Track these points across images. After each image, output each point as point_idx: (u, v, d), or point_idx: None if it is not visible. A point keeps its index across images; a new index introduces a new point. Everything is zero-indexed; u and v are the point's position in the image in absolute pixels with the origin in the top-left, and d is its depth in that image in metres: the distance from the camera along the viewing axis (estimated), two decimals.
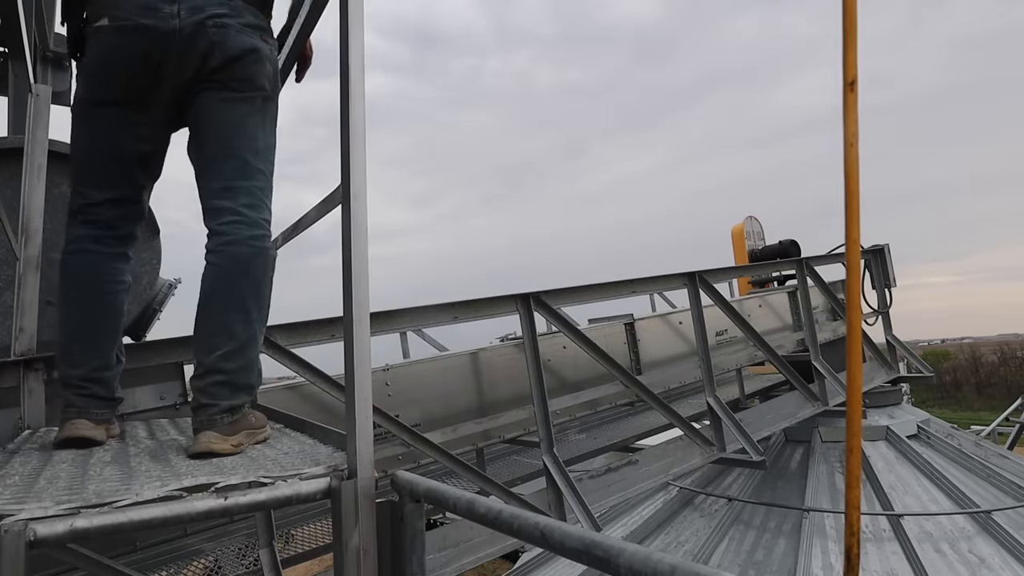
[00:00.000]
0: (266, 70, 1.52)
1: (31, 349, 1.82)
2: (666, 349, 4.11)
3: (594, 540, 0.71)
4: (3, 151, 2.11)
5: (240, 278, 1.42)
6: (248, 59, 1.47)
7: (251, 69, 1.48)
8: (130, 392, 2.05)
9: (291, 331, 2.34)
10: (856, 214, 1.69)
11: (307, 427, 1.57)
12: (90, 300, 1.49)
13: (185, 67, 1.43)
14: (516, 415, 3.08)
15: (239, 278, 1.42)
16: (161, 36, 1.39)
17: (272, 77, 1.55)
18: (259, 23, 1.52)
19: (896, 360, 5.68)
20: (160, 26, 1.38)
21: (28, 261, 1.86)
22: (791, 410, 4.26)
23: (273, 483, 1.06)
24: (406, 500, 1.11)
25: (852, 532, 1.64)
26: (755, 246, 6.68)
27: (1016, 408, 11.46)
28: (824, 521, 4.17)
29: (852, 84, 1.67)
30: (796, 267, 4.86)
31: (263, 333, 1.49)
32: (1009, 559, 3.72)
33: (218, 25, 1.42)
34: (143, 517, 0.93)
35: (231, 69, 1.46)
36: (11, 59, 2.13)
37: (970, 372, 42.17)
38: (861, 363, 1.78)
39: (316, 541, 3.42)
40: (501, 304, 2.91)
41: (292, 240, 1.84)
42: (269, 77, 1.54)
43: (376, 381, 2.66)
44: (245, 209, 1.46)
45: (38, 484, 1.05)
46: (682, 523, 4.79)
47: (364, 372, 1.15)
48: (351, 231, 1.16)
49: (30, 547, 0.83)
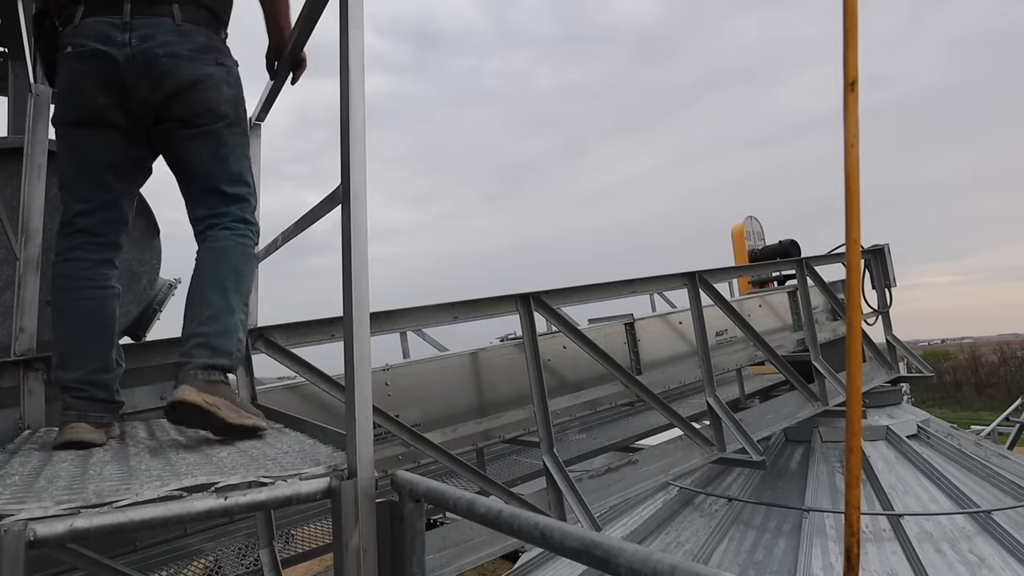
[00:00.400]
0: (223, 94, 1.56)
1: (31, 349, 1.82)
2: (666, 349, 4.11)
3: (594, 540, 0.71)
4: (3, 151, 2.11)
5: (219, 263, 1.54)
6: (201, 86, 1.52)
7: (207, 96, 1.53)
8: (130, 392, 2.05)
9: (291, 331, 2.34)
10: (856, 214, 1.69)
11: (307, 427, 1.57)
12: (78, 306, 1.54)
13: (139, 92, 1.49)
14: (516, 415, 3.08)
15: (219, 263, 1.54)
16: (115, 63, 1.46)
17: (232, 99, 1.60)
18: (212, 44, 1.57)
19: (896, 360, 5.68)
20: (114, 53, 1.46)
21: (28, 261, 1.86)
22: (791, 410, 4.26)
23: (273, 483, 1.06)
24: (406, 500, 1.11)
25: (852, 532, 1.64)
26: (755, 246, 6.68)
27: (1016, 408, 11.46)
28: (824, 521, 4.17)
29: (852, 84, 1.67)
30: (796, 267, 4.86)
31: (243, 311, 1.57)
32: (1009, 559, 3.72)
33: (168, 55, 1.48)
34: (143, 517, 0.93)
35: (185, 98, 1.51)
36: (11, 59, 2.13)
37: (970, 372, 42.17)
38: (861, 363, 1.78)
39: (316, 541, 3.42)
40: (501, 304, 2.91)
41: (292, 240, 1.84)
42: (229, 100, 1.58)
43: (376, 381, 2.66)
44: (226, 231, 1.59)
45: (38, 484, 1.05)
46: (682, 523, 4.79)
47: (364, 372, 1.15)
48: (351, 231, 1.16)
49: (30, 547, 0.83)
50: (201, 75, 1.51)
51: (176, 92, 1.50)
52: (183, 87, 1.50)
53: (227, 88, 1.58)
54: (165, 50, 1.47)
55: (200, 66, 1.52)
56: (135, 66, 1.47)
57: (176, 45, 1.49)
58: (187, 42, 1.50)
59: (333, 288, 1.21)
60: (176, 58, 1.48)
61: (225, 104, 1.57)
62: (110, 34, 1.46)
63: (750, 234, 6.73)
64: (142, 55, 1.46)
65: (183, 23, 1.51)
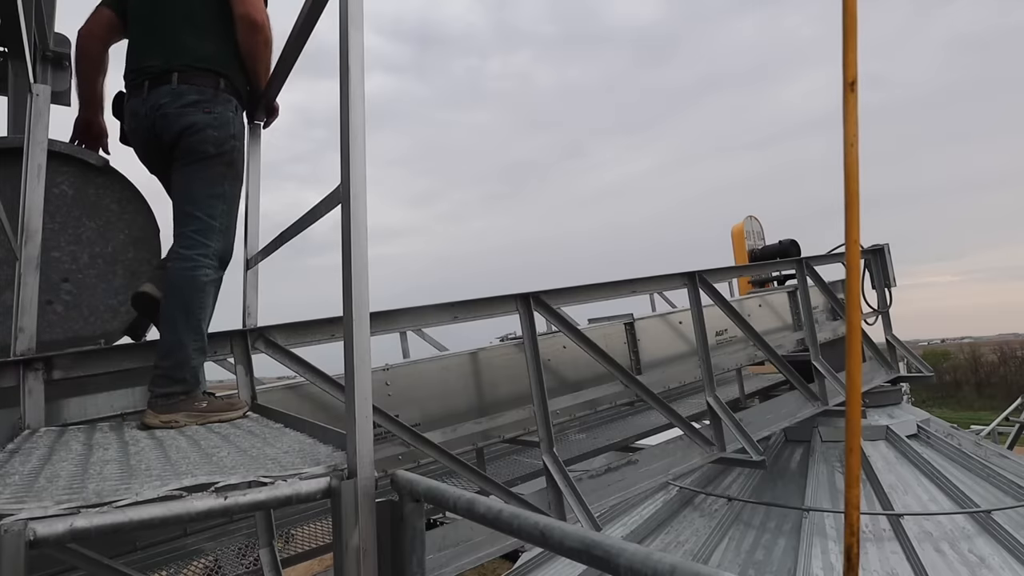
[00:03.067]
0: (207, 136, 1.97)
1: (31, 349, 1.82)
2: (666, 349, 4.12)
3: (594, 540, 0.71)
4: (3, 151, 2.11)
5: (171, 300, 1.91)
6: (187, 133, 1.96)
7: (192, 140, 1.96)
8: (130, 392, 2.06)
9: (291, 331, 2.34)
10: (856, 214, 1.69)
11: (307, 427, 1.57)
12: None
13: (153, 142, 2.02)
14: (516, 415, 3.08)
15: (171, 300, 1.91)
16: (139, 125, 2.03)
17: (216, 139, 1.99)
18: (200, 98, 1.98)
19: (896, 360, 5.68)
20: (141, 122, 2.02)
21: (28, 261, 1.86)
22: (791, 410, 4.26)
23: (273, 483, 1.06)
24: (406, 500, 1.11)
25: (852, 532, 1.65)
26: (755, 246, 6.67)
27: (1016, 408, 11.46)
28: (824, 521, 4.17)
29: (852, 84, 1.67)
30: (796, 267, 4.86)
31: (194, 340, 1.89)
32: (1009, 559, 3.72)
33: (161, 115, 1.96)
34: (143, 517, 0.93)
35: (179, 143, 1.97)
36: (11, 59, 2.13)
37: (970, 372, 42.18)
38: (861, 363, 1.78)
39: (316, 541, 3.42)
40: (501, 304, 2.90)
41: (292, 240, 1.84)
42: (212, 140, 1.98)
43: (376, 381, 2.66)
44: (182, 249, 1.94)
45: (38, 483, 1.05)
46: (682, 523, 4.79)
47: (364, 372, 1.15)
48: (351, 231, 1.16)
49: (30, 547, 0.83)
50: (187, 125, 1.96)
51: (171, 139, 1.97)
52: (174, 135, 1.96)
53: (211, 131, 1.98)
54: (161, 111, 1.97)
55: (186, 119, 1.96)
56: (146, 126, 2.01)
57: (169, 106, 1.96)
58: (178, 100, 1.96)
59: (333, 288, 1.21)
60: (166, 117, 1.96)
61: (208, 144, 1.98)
62: (136, 110, 2.02)
63: (750, 234, 6.72)
64: (149, 118, 1.99)
65: (178, 85, 1.97)
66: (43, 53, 2.26)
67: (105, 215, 2.23)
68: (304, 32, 1.71)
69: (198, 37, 2.02)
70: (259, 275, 2.29)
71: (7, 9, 1.54)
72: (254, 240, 2.29)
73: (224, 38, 2.06)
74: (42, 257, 1.89)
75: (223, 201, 2.02)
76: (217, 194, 2.00)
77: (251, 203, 2.28)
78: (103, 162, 2.24)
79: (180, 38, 2.01)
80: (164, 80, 1.98)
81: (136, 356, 2.02)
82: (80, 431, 1.74)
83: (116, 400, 2.05)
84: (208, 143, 1.97)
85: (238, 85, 2.08)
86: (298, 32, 1.73)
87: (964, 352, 45.08)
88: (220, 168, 2.01)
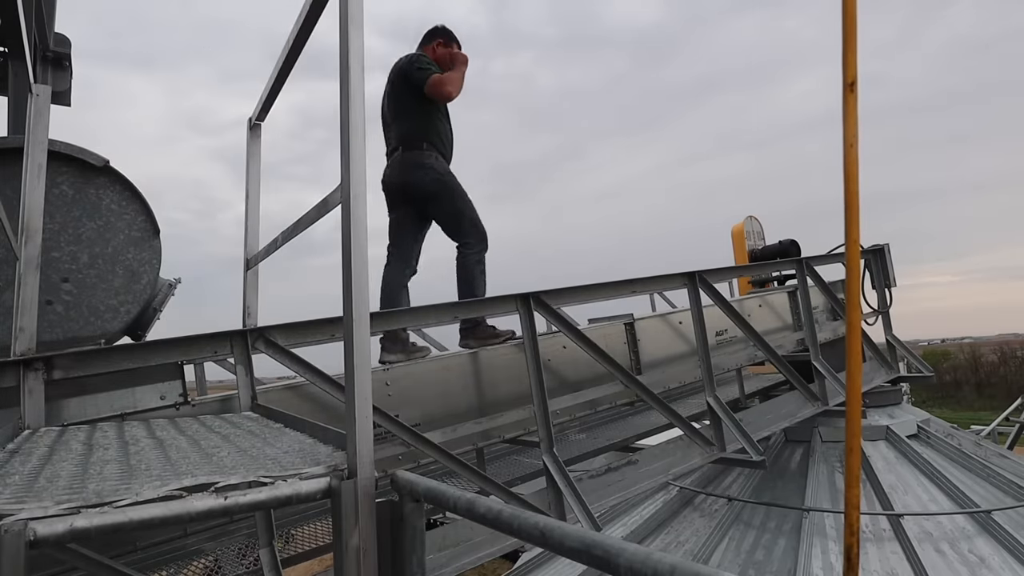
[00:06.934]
0: (427, 184, 3.34)
1: (31, 349, 1.82)
2: (666, 349, 4.11)
3: (594, 540, 0.71)
4: (3, 151, 2.11)
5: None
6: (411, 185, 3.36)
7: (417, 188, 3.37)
8: (130, 392, 2.06)
9: (291, 331, 2.34)
10: (856, 214, 1.69)
11: (307, 427, 1.57)
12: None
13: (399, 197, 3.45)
14: (516, 415, 3.08)
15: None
16: (390, 182, 3.45)
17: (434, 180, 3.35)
18: (414, 158, 3.36)
19: (896, 360, 5.67)
20: (389, 180, 3.45)
21: (28, 261, 1.86)
22: (791, 410, 4.25)
23: (273, 483, 1.06)
24: (406, 500, 1.11)
25: (852, 532, 1.65)
26: (755, 246, 6.66)
27: (1016, 408, 11.44)
28: (824, 521, 4.17)
29: (852, 85, 1.67)
30: (796, 267, 4.86)
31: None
32: (1009, 559, 3.72)
33: (392, 174, 3.41)
34: (143, 517, 0.93)
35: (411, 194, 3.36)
36: (11, 59, 2.13)
37: (970, 372, 42.18)
38: (861, 363, 1.78)
39: (316, 541, 3.42)
40: (501, 304, 2.90)
41: (292, 240, 1.84)
42: (431, 182, 3.34)
43: (376, 381, 2.66)
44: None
45: (38, 483, 1.05)
46: (682, 523, 4.79)
47: (364, 372, 1.15)
48: (351, 231, 1.16)
49: (30, 547, 0.83)
50: (411, 179, 3.32)
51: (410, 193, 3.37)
52: (406, 187, 3.36)
53: (429, 179, 3.32)
54: (392, 171, 3.40)
55: (410, 175, 3.33)
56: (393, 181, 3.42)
57: (396, 166, 3.37)
58: (403, 162, 3.34)
59: (333, 288, 1.21)
60: (397, 174, 3.37)
61: (430, 185, 3.32)
62: (387, 172, 3.44)
63: (750, 234, 6.71)
64: (392, 176, 3.43)
65: (403, 152, 3.35)
66: (43, 53, 2.26)
67: (105, 215, 2.23)
68: (304, 32, 1.71)
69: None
70: (259, 275, 2.29)
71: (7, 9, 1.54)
72: (254, 240, 2.29)
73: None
74: (42, 257, 1.89)
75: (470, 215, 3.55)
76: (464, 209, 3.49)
77: (251, 203, 2.28)
78: (103, 162, 2.24)
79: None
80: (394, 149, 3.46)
81: (136, 356, 2.01)
82: (80, 431, 1.73)
83: (116, 400, 2.04)
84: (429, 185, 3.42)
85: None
86: (298, 32, 1.73)
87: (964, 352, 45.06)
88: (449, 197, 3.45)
